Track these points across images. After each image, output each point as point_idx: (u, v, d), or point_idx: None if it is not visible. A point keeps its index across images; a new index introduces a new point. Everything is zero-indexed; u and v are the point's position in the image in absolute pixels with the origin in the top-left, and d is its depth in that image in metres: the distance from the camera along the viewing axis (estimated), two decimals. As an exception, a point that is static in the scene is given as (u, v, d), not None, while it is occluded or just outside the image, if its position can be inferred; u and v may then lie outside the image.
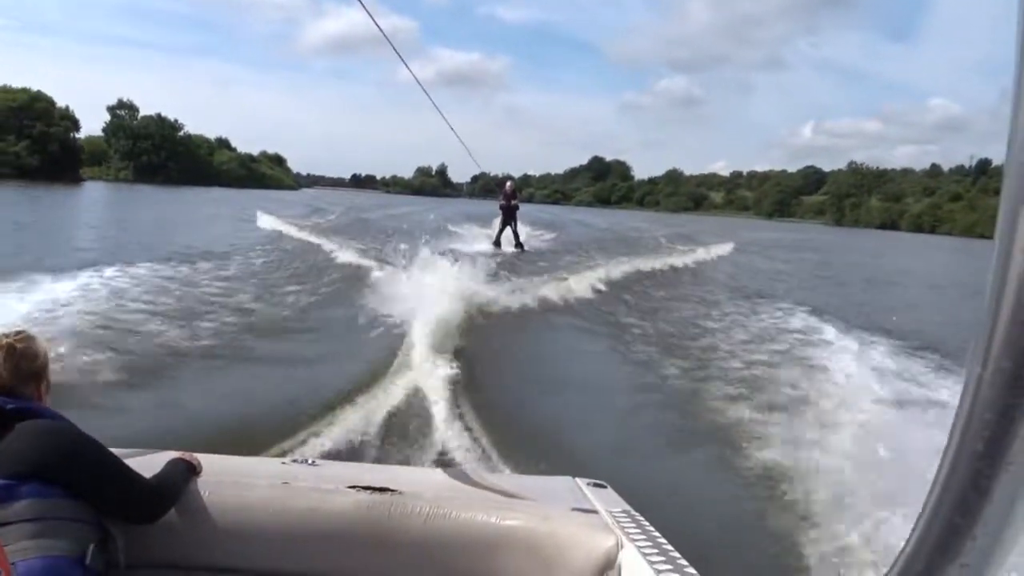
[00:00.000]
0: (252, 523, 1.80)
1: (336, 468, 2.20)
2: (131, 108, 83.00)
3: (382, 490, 1.87)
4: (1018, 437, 0.38)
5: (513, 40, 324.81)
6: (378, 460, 4.65)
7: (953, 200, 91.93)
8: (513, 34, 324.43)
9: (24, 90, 58.89)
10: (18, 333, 1.68)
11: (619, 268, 15.13)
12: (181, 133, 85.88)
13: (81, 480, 1.52)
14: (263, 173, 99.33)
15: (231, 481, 1.88)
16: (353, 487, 1.88)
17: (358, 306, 9.21)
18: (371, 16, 2.35)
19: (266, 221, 22.83)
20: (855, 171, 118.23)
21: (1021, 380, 0.38)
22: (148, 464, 1.75)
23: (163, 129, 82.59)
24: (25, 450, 1.48)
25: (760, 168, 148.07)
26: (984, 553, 0.42)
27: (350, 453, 4.87)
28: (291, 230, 20.27)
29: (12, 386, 1.60)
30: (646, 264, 16.73)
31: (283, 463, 2.11)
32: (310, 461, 2.13)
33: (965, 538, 0.41)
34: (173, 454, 1.91)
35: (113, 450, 1.65)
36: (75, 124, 64.04)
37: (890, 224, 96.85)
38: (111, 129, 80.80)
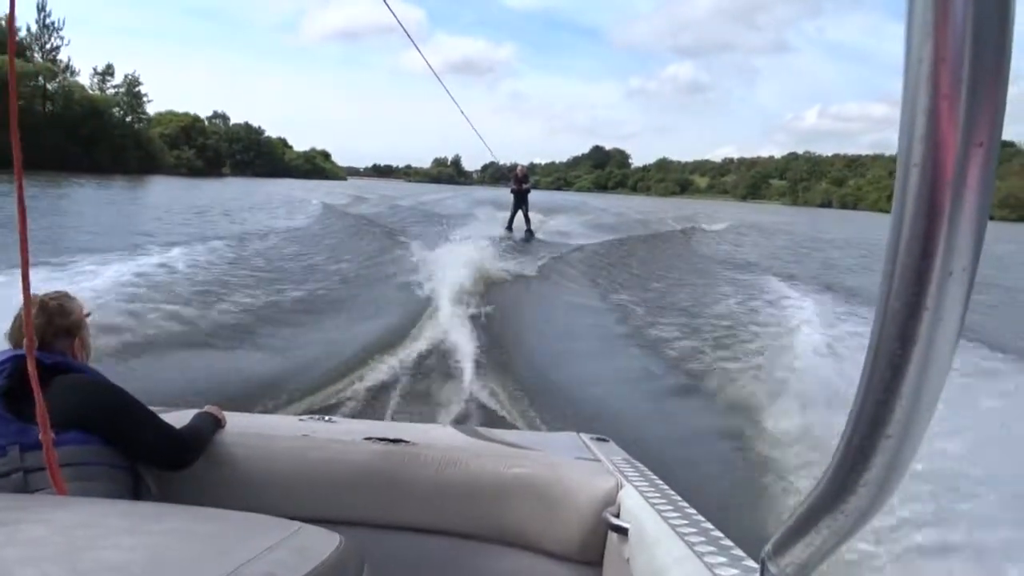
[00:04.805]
0: (275, 472, 1.94)
1: (352, 424, 2.33)
2: (224, 117, 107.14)
3: (396, 441, 1.99)
4: (923, 321, 0.46)
5: (519, 26, 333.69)
6: (393, 414, 4.94)
7: (870, 183, 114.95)
8: (519, 20, 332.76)
9: (186, 114, 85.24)
10: (56, 293, 1.81)
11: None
12: (262, 137, 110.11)
13: (117, 429, 1.65)
14: (322, 167, 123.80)
15: (254, 434, 2.02)
16: (369, 439, 2.00)
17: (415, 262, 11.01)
18: (390, 9, 2.41)
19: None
20: (807, 159, 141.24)
21: (920, 283, 0.46)
22: (177, 419, 1.88)
23: (250, 134, 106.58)
24: (64, 402, 1.57)
25: (766, 153, 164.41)
26: (902, 424, 0.51)
27: (390, 374, 5.62)
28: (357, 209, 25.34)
29: (46, 341, 1.71)
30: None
31: (301, 419, 2.22)
32: (327, 418, 2.24)
33: (887, 411, 0.50)
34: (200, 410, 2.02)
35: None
36: (227, 140, 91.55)
37: (827, 203, 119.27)
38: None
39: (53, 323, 1.73)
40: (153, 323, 6.71)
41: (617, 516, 1.73)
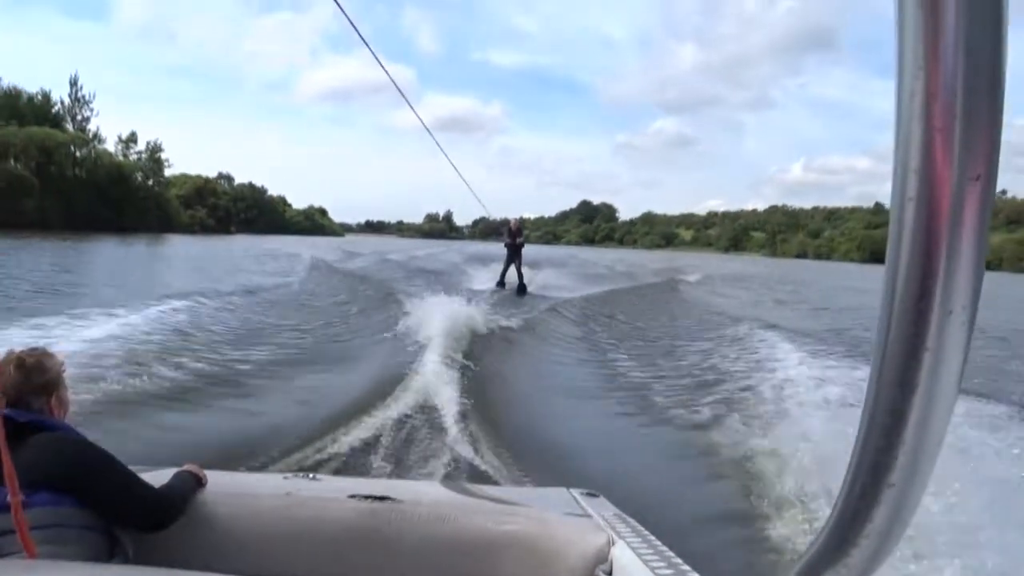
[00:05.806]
0: (257, 532, 1.87)
1: (336, 481, 2.28)
2: (229, 178, 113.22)
3: (382, 498, 1.93)
4: (924, 363, 0.45)
5: (508, 84, 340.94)
6: (379, 471, 4.82)
7: (843, 235, 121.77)
8: (507, 78, 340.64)
9: (199, 176, 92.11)
10: (32, 350, 1.79)
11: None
12: (265, 196, 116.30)
13: (91, 490, 1.57)
14: (321, 224, 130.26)
15: (236, 492, 1.96)
16: (353, 496, 1.94)
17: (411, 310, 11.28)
18: (385, 70, 2.49)
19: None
20: (784, 213, 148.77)
21: (920, 323, 0.44)
22: (155, 479, 1.80)
23: (254, 193, 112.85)
24: (37, 461, 1.52)
25: (751, 206, 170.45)
26: (904, 472, 0.48)
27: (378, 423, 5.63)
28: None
29: (22, 399, 1.68)
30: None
31: (285, 478, 2.17)
32: (311, 476, 2.19)
33: (888, 459, 0.48)
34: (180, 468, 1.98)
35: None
36: (232, 199, 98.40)
37: (803, 254, 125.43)
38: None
39: (31, 380, 1.70)
40: (131, 380, 6.62)
41: (609, 573, 1.72)
